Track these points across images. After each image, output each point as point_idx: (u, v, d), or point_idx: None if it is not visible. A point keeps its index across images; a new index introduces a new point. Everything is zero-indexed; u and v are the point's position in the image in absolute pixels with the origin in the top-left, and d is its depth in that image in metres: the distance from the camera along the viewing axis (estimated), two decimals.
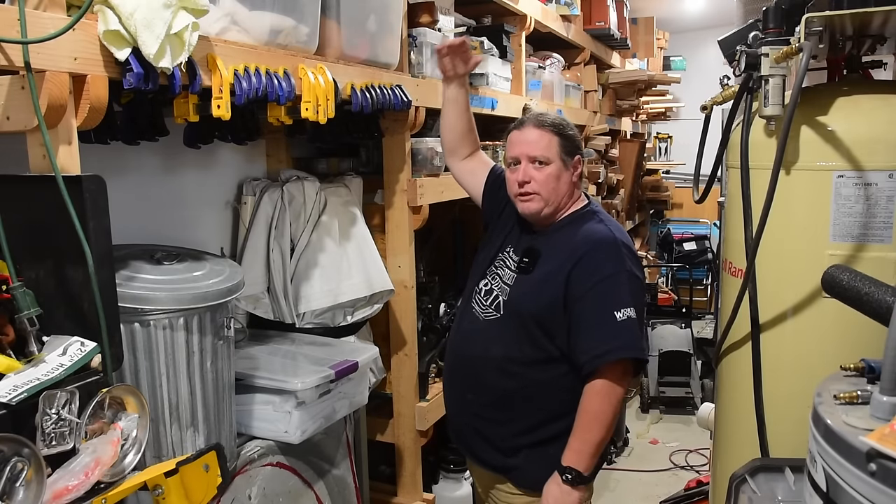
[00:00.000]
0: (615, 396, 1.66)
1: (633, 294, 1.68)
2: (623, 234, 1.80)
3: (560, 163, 1.77)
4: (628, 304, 1.66)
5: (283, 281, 2.17)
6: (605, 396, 1.66)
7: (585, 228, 1.78)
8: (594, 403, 1.66)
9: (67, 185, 1.16)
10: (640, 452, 4.11)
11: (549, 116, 1.84)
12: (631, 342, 1.66)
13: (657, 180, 7.14)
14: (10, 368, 1.09)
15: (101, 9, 1.25)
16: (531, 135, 1.78)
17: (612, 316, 1.64)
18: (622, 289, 1.67)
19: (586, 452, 1.67)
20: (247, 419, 1.83)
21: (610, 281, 1.68)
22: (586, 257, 1.70)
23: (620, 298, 1.66)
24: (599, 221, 1.80)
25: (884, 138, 1.46)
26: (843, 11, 1.40)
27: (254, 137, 2.19)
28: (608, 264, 1.70)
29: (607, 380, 1.65)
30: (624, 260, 1.71)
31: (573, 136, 1.82)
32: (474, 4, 3.04)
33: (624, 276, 1.69)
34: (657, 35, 6.19)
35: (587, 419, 1.66)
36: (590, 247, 1.72)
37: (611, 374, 1.65)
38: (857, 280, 1.17)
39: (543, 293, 1.73)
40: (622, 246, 1.74)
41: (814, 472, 1.04)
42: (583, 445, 1.67)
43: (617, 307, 1.65)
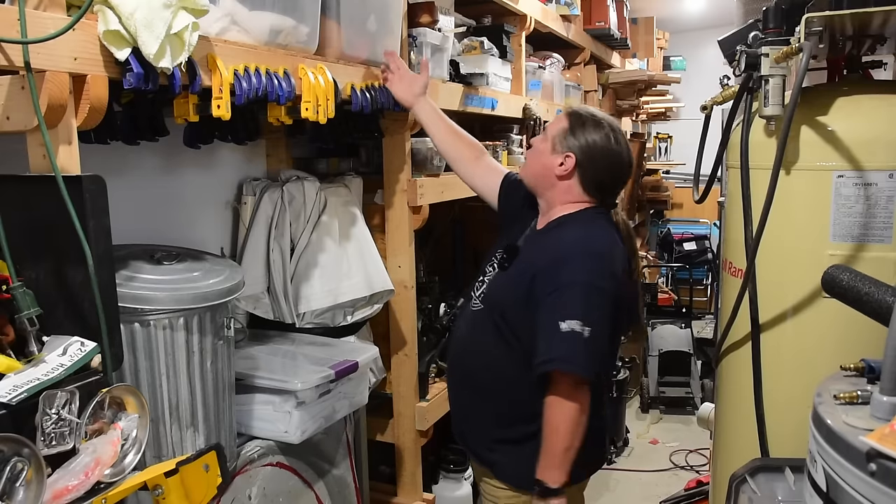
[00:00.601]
0: (567, 409, 1.62)
1: (587, 307, 1.61)
2: (598, 243, 1.73)
3: (550, 143, 1.79)
4: (576, 317, 1.59)
5: (283, 281, 2.17)
6: (557, 408, 1.63)
7: (563, 233, 1.76)
8: (549, 415, 1.65)
9: (67, 185, 1.16)
10: (640, 452, 4.11)
11: (583, 109, 1.83)
12: (568, 356, 1.60)
13: (657, 180, 7.14)
14: (10, 368, 1.09)
15: (101, 9, 1.25)
16: (560, 115, 1.86)
17: (557, 326, 1.60)
18: (574, 300, 1.62)
19: (550, 465, 1.65)
20: (247, 419, 1.83)
21: (564, 291, 1.63)
22: (551, 264, 1.68)
23: (569, 310, 1.61)
24: (579, 227, 1.76)
25: (884, 138, 1.46)
26: (843, 11, 1.40)
27: (254, 137, 2.19)
28: (567, 274, 1.65)
29: (559, 392, 1.63)
30: (587, 271, 1.65)
31: (581, 134, 1.76)
32: (474, 4, 3.04)
33: (579, 288, 1.63)
34: (657, 35, 6.19)
35: (546, 431, 1.66)
36: (556, 253, 1.70)
37: (560, 386, 1.63)
38: (857, 280, 1.17)
39: (509, 291, 1.75)
40: (591, 256, 1.68)
41: (814, 472, 1.04)
42: (546, 459, 1.66)
43: (563, 318, 1.60)
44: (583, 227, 1.77)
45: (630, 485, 3.75)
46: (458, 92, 2.57)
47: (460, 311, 2.01)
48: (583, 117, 1.79)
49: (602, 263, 1.68)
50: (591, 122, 1.78)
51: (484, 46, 2.79)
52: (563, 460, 1.65)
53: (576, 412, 1.63)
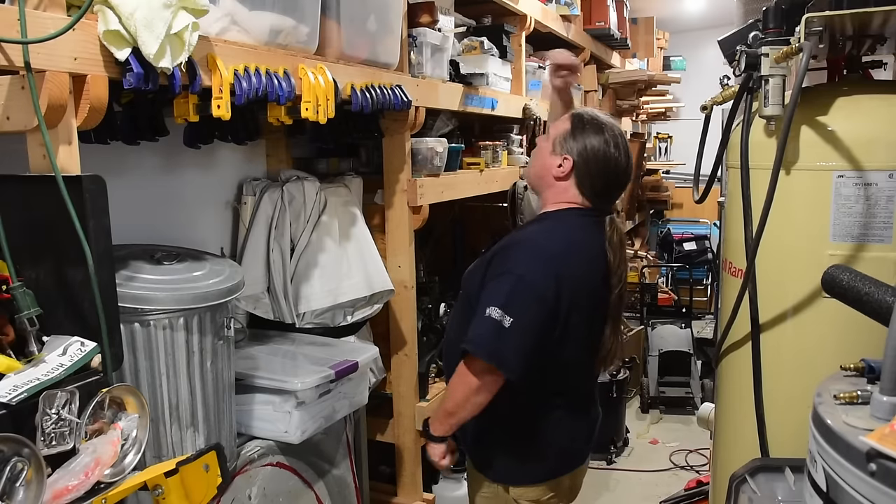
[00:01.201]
0: (465, 384, 1.67)
1: (511, 297, 1.62)
2: (553, 242, 1.71)
3: (551, 144, 1.81)
4: (499, 304, 1.61)
5: (283, 281, 2.17)
6: (458, 377, 1.69)
7: (529, 226, 1.84)
8: (452, 380, 1.73)
9: (67, 185, 1.16)
10: (640, 452, 4.11)
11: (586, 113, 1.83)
12: (481, 340, 1.62)
13: (657, 180, 7.14)
14: (10, 368, 1.09)
15: (101, 9, 1.25)
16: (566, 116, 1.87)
17: (483, 310, 1.63)
18: (502, 289, 1.64)
19: (436, 416, 1.78)
20: (247, 419, 1.83)
21: (499, 278, 1.67)
22: (500, 252, 1.74)
23: (495, 297, 1.63)
24: (548, 224, 1.78)
25: (884, 138, 1.46)
26: (843, 11, 1.40)
27: (254, 137, 2.19)
28: (507, 262, 1.69)
29: (465, 366, 1.67)
30: (525, 264, 1.66)
31: (581, 137, 1.76)
32: (474, 4, 3.04)
33: (510, 278, 1.64)
34: (657, 35, 6.19)
35: (447, 390, 1.77)
36: (504, 244, 1.77)
37: (470, 362, 1.66)
38: (857, 280, 1.17)
39: (475, 277, 1.79)
40: (536, 251, 1.69)
41: (814, 472, 1.04)
42: (437, 409, 1.79)
43: (489, 303, 1.63)
44: (551, 223, 1.78)
45: (630, 485, 3.75)
46: (458, 92, 2.57)
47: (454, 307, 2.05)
48: (585, 120, 1.79)
49: (545, 262, 1.67)
50: (591, 126, 1.78)
51: (484, 46, 2.79)
52: (447, 420, 1.75)
53: (472, 391, 1.67)
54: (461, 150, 2.68)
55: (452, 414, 1.73)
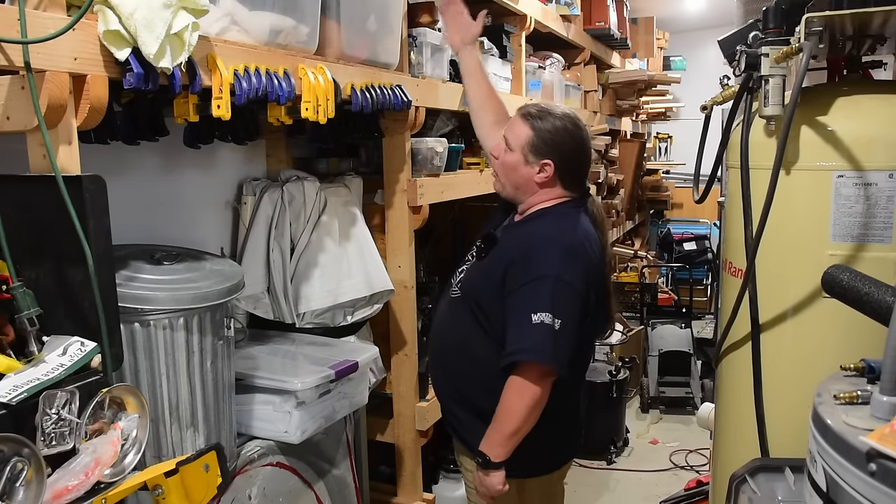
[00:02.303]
0: (527, 395, 1.66)
1: (556, 300, 1.64)
2: (571, 237, 1.74)
3: (521, 156, 1.79)
4: (546, 309, 1.63)
5: (283, 281, 2.17)
6: (516, 392, 1.67)
7: (536, 227, 1.80)
8: (506, 397, 1.69)
9: (67, 185, 1.16)
10: (640, 452, 4.11)
11: (538, 109, 1.81)
12: (539, 347, 1.63)
13: (657, 180, 7.14)
14: (10, 368, 1.09)
15: (101, 9, 1.25)
16: (514, 121, 1.84)
17: (528, 318, 1.63)
18: (545, 293, 1.65)
19: (495, 441, 1.70)
20: (247, 419, 1.83)
21: (536, 283, 1.66)
22: (523, 256, 1.72)
23: (540, 302, 1.64)
24: (553, 221, 1.79)
25: (884, 138, 1.46)
26: (843, 11, 1.40)
27: (254, 137, 2.19)
28: (539, 266, 1.68)
29: (523, 378, 1.66)
30: (558, 265, 1.68)
31: (549, 137, 1.77)
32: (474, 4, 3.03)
33: (551, 281, 1.65)
34: (657, 35, 6.19)
35: (500, 410, 1.70)
36: (529, 246, 1.74)
37: (527, 373, 1.66)
38: (857, 280, 1.17)
39: (483, 280, 1.79)
40: (562, 250, 1.71)
41: (814, 472, 1.04)
42: (493, 434, 1.71)
43: (535, 310, 1.63)
44: (558, 220, 1.79)
45: (630, 485, 3.75)
46: (458, 92, 2.56)
47: (440, 296, 2.04)
48: (540, 116, 1.78)
49: (574, 258, 1.71)
50: (549, 117, 1.78)
51: (484, 46, 2.79)
52: (510, 441, 1.69)
53: (535, 401, 1.66)
54: (461, 150, 2.68)
55: (517, 432, 1.68)
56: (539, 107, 1.83)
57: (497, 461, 1.71)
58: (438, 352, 1.96)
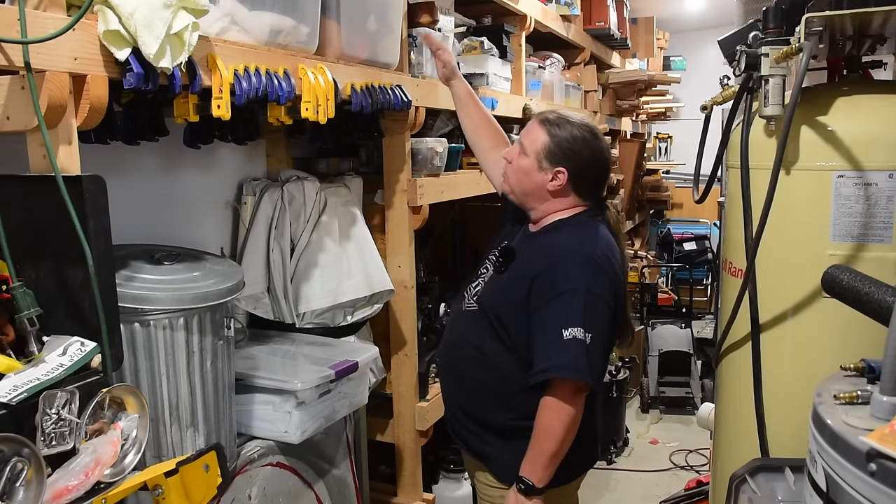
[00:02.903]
0: (564, 413, 1.63)
1: (588, 313, 1.63)
2: (595, 249, 1.72)
3: (535, 162, 1.76)
4: (577, 324, 1.61)
5: (283, 281, 2.17)
6: (553, 412, 1.64)
7: (557, 239, 1.76)
8: (543, 417, 1.66)
9: (67, 185, 1.16)
10: (640, 452, 4.11)
11: (557, 116, 1.80)
12: (571, 363, 1.61)
13: (657, 180, 7.14)
14: (10, 368, 1.09)
15: (101, 9, 1.25)
16: (531, 125, 1.81)
17: (559, 333, 1.61)
18: (575, 308, 1.63)
19: (538, 464, 1.66)
20: (247, 419, 1.83)
21: (564, 297, 1.64)
22: (549, 270, 1.69)
23: (571, 317, 1.62)
24: (574, 233, 1.76)
25: (884, 138, 1.46)
26: (843, 11, 1.40)
27: (254, 137, 2.19)
28: (567, 280, 1.65)
29: (556, 397, 1.64)
30: (585, 278, 1.66)
31: (567, 148, 1.75)
32: (474, 4, 3.04)
33: (580, 295, 1.63)
34: (657, 35, 6.19)
35: (538, 432, 1.67)
36: (553, 259, 1.70)
37: (560, 391, 1.63)
38: (857, 280, 1.17)
39: (506, 294, 1.75)
40: (588, 262, 1.68)
41: (814, 472, 1.04)
42: (535, 457, 1.67)
43: (566, 325, 1.61)
44: (579, 232, 1.76)
45: (630, 485, 3.75)
46: None
47: (453, 309, 2.02)
48: (559, 123, 1.76)
49: (600, 270, 1.69)
50: (568, 125, 1.76)
51: (484, 46, 2.79)
52: (551, 463, 1.66)
53: (572, 418, 1.64)
54: (461, 150, 2.68)
55: (558, 453, 1.65)
56: (557, 114, 1.81)
57: (540, 486, 1.67)
58: (452, 364, 1.92)
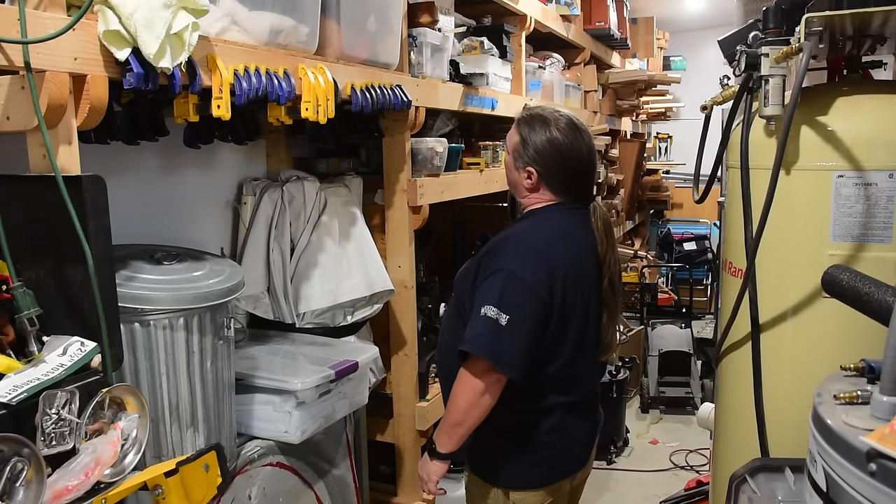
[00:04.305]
0: (468, 388, 1.63)
1: (505, 295, 1.62)
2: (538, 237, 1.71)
3: (511, 158, 1.81)
4: (493, 303, 1.61)
5: (283, 281, 2.17)
6: (460, 384, 1.65)
7: (517, 226, 1.80)
8: (454, 387, 1.67)
9: (67, 185, 1.16)
10: (640, 452, 4.11)
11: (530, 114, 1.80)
12: (476, 339, 1.61)
13: (657, 180, 7.14)
14: (10, 368, 1.09)
15: (101, 9, 1.25)
16: (515, 123, 1.83)
17: (478, 310, 1.63)
18: (494, 287, 1.63)
19: (442, 431, 1.71)
20: (247, 419, 1.83)
21: (491, 277, 1.65)
22: (489, 252, 1.72)
23: (489, 296, 1.63)
24: (533, 221, 1.77)
25: (884, 138, 1.46)
26: (843, 11, 1.40)
27: (254, 137, 2.19)
28: (497, 261, 1.67)
29: (468, 369, 1.64)
30: (514, 261, 1.66)
31: (535, 149, 1.74)
32: (474, 4, 3.04)
33: (502, 276, 1.63)
34: (657, 35, 6.19)
35: (449, 400, 1.70)
36: (496, 242, 1.75)
37: (470, 365, 1.64)
38: (857, 280, 1.17)
39: (464, 279, 1.78)
40: (523, 247, 1.69)
41: (814, 472, 1.04)
42: (442, 424, 1.72)
43: (483, 303, 1.62)
44: (537, 220, 1.77)
45: (630, 485, 3.75)
46: (458, 92, 2.57)
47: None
48: (532, 123, 1.77)
49: (535, 257, 1.67)
50: (540, 127, 1.75)
51: (484, 46, 2.79)
52: (454, 432, 1.69)
53: (475, 394, 1.63)
54: (461, 150, 2.68)
55: (460, 423, 1.67)
56: (534, 112, 1.80)
57: (442, 451, 1.72)
58: (440, 359, 1.94)
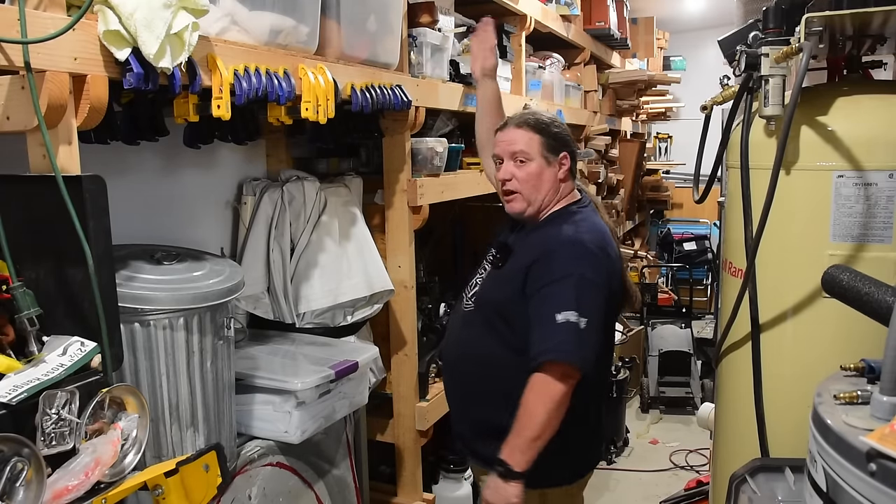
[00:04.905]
0: (549, 396, 1.61)
1: (581, 298, 1.64)
2: (594, 235, 1.75)
3: (542, 160, 1.79)
4: (571, 308, 1.61)
5: (283, 281, 2.17)
6: (538, 394, 1.62)
7: (554, 227, 1.79)
8: (528, 400, 1.63)
9: (67, 185, 1.16)
10: (640, 452, 4.11)
11: (533, 116, 1.84)
12: (565, 346, 1.61)
13: (657, 180, 7.14)
14: (10, 368, 1.09)
15: (101, 9, 1.25)
16: (513, 134, 1.82)
17: (553, 317, 1.62)
18: (568, 292, 1.64)
19: (517, 447, 1.63)
20: (247, 419, 1.83)
21: (559, 283, 1.66)
22: (543, 257, 1.71)
23: (564, 301, 1.63)
24: (573, 221, 1.78)
25: (884, 138, 1.46)
26: (843, 11, 1.40)
27: (254, 137, 2.19)
28: (561, 266, 1.68)
29: (543, 378, 1.62)
30: (580, 263, 1.68)
31: (558, 133, 1.81)
32: (474, 4, 3.04)
33: (573, 280, 1.65)
34: (657, 35, 6.19)
35: (520, 414, 1.64)
36: (549, 247, 1.73)
37: (549, 372, 1.63)
38: (857, 280, 1.17)
39: (505, 287, 1.77)
40: (581, 249, 1.71)
41: (814, 472, 1.04)
42: (515, 440, 1.64)
43: (559, 309, 1.62)
44: (574, 221, 1.79)
45: (630, 485, 3.75)
46: (458, 92, 2.57)
47: (452, 312, 2.02)
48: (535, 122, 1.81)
49: (594, 256, 1.71)
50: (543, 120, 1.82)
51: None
52: (531, 447, 1.62)
53: (556, 403, 1.61)
54: (461, 150, 2.68)
55: (539, 437, 1.62)
56: (524, 113, 1.86)
57: (518, 470, 1.62)
58: (454, 371, 1.91)
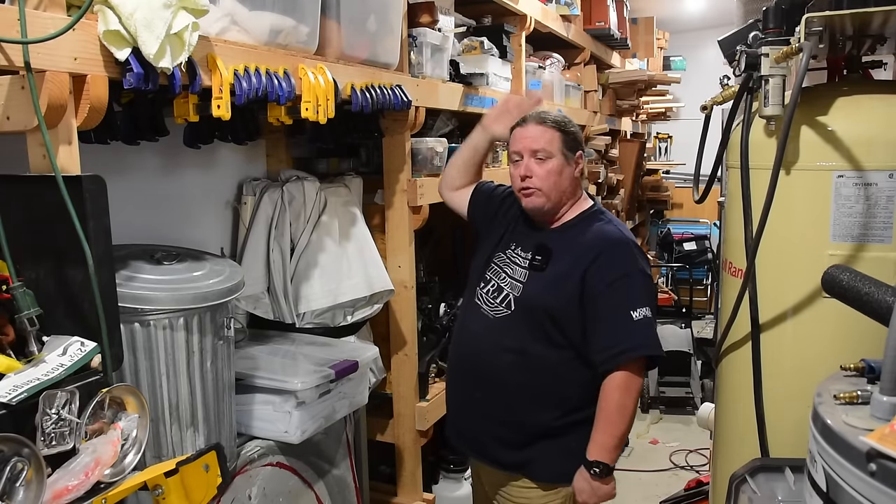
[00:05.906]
0: (634, 390, 1.74)
1: (647, 293, 1.76)
2: (631, 234, 1.87)
3: (562, 157, 1.82)
4: (644, 304, 1.72)
5: (283, 281, 2.17)
6: (625, 390, 1.72)
7: (596, 228, 1.84)
8: (616, 397, 1.72)
9: (67, 185, 1.16)
10: (640, 452, 4.11)
11: (551, 114, 1.89)
12: (648, 340, 1.73)
13: (657, 180, 7.14)
14: (10, 368, 1.09)
15: (101, 9, 1.25)
16: (533, 130, 1.83)
17: (629, 315, 1.70)
18: (638, 288, 1.74)
19: (610, 445, 1.75)
20: (247, 419, 1.83)
21: (625, 280, 1.73)
22: (602, 257, 1.76)
23: (636, 298, 1.72)
24: (608, 222, 1.86)
25: (884, 138, 1.46)
26: (843, 11, 1.40)
27: (254, 137, 2.19)
28: (623, 264, 1.76)
29: (627, 374, 1.71)
30: (637, 260, 1.78)
31: (575, 132, 1.86)
32: (474, 4, 3.04)
33: (639, 276, 1.75)
34: (657, 35, 6.19)
35: (610, 412, 1.73)
36: (604, 247, 1.79)
37: (630, 368, 1.72)
38: (857, 280, 1.17)
39: (559, 290, 1.78)
40: (633, 246, 1.82)
41: (814, 472, 1.04)
42: (607, 438, 1.74)
43: (633, 306, 1.71)
44: (609, 220, 1.88)
45: (630, 485, 3.75)
46: (458, 92, 2.57)
47: (465, 315, 1.97)
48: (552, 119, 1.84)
49: (641, 251, 1.82)
50: (559, 118, 1.86)
51: (484, 46, 2.79)
52: (620, 443, 1.76)
53: (638, 391, 1.76)
54: None
55: (626, 431, 1.77)
56: (542, 112, 1.89)
57: (613, 465, 1.77)
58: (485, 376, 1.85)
